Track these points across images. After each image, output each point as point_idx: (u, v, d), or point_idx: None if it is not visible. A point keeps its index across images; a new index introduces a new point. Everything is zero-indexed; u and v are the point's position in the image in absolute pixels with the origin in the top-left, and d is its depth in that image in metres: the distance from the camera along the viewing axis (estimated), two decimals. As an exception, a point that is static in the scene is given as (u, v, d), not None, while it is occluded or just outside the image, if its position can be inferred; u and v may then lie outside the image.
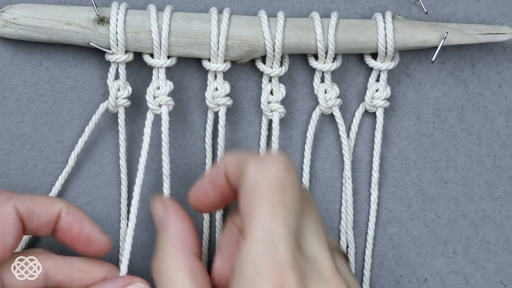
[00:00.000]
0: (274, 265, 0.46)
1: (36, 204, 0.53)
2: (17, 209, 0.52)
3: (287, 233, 0.47)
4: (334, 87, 0.59)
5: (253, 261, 0.47)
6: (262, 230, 0.47)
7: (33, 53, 0.59)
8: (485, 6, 0.61)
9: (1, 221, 0.51)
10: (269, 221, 0.47)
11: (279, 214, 0.47)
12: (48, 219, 0.54)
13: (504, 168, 0.61)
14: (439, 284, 0.61)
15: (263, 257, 0.46)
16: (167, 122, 0.57)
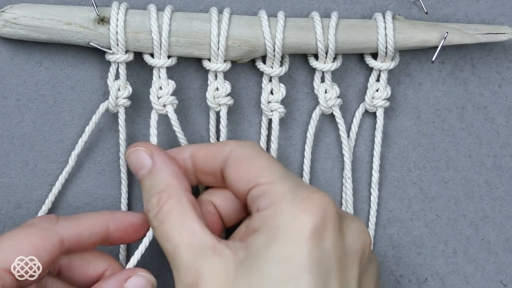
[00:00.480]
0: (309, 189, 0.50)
1: (83, 227, 0.53)
2: (62, 237, 0.52)
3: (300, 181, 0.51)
4: (334, 87, 0.59)
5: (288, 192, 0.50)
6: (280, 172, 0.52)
7: (33, 53, 0.59)
8: (485, 6, 0.61)
9: (40, 244, 0.51)
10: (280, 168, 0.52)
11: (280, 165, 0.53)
12: (96, 239, 0.54)
13: (504, 168, 0.61)
14: (439, 284, 0.61)
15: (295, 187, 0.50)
16: (176, 120, 0.57)
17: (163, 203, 0.52)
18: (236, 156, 0.53)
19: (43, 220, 0.53)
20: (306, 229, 0.48)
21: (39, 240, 0.51)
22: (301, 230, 0.48)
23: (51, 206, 0.59)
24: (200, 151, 0.55)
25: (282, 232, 0.48)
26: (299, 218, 0.48)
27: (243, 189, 0.52)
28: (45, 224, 0.52)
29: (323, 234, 0.48)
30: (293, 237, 0.48)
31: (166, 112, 0.58)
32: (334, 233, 0.49)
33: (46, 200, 0.59)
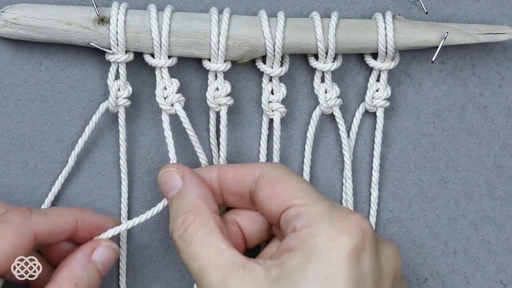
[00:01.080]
0: (346, 211, 0.51)
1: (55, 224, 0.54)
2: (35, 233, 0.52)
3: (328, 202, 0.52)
4: (334, 87, 0.59)
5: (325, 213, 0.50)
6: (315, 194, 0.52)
7: (33, 53, 0.59)
8: (485, 6, 0.61)
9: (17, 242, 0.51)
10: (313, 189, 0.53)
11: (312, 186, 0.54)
12: (65, 236, 0.55)
13: (504, 168, 0.61)
14: (439, 284, 0.61)
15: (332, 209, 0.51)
16: (186, 117, 0.57)
17: (189, 223, 0.53)
18: (267, 177, 0.53)
19: (17, 215, 0.53)
20: (344, 250, 0.49)
21: (15, 237, 0.51)
22: (339, 251, 0.49)
23: (50, 206, 0.59)
24: (228, 172, 0.55)
25: (320, 252, 0.49)
26: (337, 239, 0.49)
27: (276, 210, 0.52)
28: (19, 220, 0.52)
29: (361, 256, 0.49)
30: (331, 258, 0.49)
31: (174, 111, 0.58)
32: (371, 255, 0.50)
33: (46, 200, 0.59)
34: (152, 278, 0.61)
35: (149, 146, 0.60)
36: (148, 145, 0.60)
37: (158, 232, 0.60)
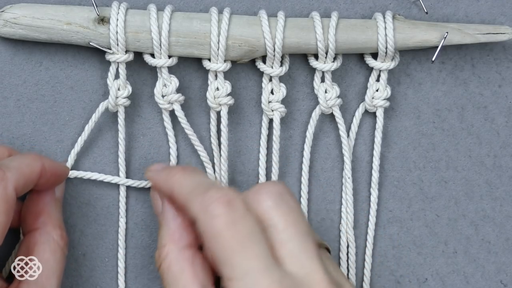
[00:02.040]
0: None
1: (26, 178, 0.53)
2: (16, 189, 0.52)
3: (261, 265, 0.48)
4: (334, 87, 0.59)
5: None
6: (237, 272, 0.48)
7: (33, 53, 0.59)
8: (485, 6, 0.61)
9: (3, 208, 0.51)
10: (239, 261, 0.49)
11: (244, 249, 0.49)
12: (31, 187, 0.54)
13: (504, 168, 0.61)
14: (439, 284, 0.61)
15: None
16: (184, 117, 0.58)
17: (162, 260, 0.53)
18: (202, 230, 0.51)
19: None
20: None
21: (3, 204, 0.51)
22: None
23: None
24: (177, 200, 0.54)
25: None
26: None
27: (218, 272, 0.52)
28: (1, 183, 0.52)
29: None
30: None
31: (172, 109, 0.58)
32: None
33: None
34: (152, 278, 0.61)
35: (149, 146, 0.60)
36: (148, 145, 0.60)
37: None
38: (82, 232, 0.60)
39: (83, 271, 0.60)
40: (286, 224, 0.50)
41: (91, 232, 0.60)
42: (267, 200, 0.51)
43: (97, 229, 0.60)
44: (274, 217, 0.50)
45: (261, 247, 0.49)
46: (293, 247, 0.50)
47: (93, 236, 0.60)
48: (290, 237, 0.50)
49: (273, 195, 0.51)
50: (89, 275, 0.60)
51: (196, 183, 0.52)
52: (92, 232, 0.60)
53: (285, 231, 0.50)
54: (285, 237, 0.50)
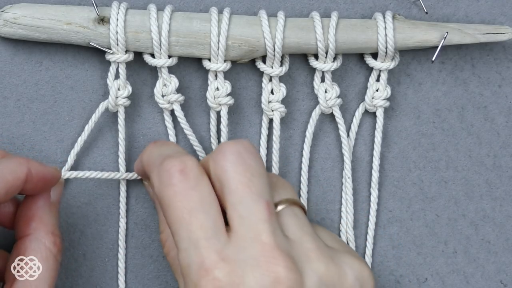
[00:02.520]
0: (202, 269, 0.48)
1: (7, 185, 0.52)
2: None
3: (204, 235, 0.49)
4: (334, 87, 0.59)
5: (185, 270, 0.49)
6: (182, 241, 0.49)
7: (33, 53, 0.59)
8: (485, 6, 0.61)
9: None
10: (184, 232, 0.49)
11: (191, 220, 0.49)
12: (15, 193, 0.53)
13: (504, 168, 0.61)
14: (439, 284, 0.61)
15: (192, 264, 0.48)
16: (183, 117, 0.58)
17: (163, 245, 0.55)
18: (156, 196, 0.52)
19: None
20: None
21: None
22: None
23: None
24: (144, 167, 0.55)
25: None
26: None
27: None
28: None
29: None
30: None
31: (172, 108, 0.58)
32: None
33: None
34: (152, 278, 0.61)
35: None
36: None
37: (158, 232, 0.60)
38: (82, 232, 0.60)
39: (83, 271, 0.60)
40: (238, 185, 0.50)
41: (91, 232, 0.60)
42: (224, 160, 0.50)
43: (97, 229, 0.60)
44: (229, 178, 0.50)
45: (209, 216, 0.49)
46: (242, 209, 0.49)
47: (93, 236, 0.60)
48: (240, 198, 0.49)
49: (231, 155, 0.50)
50: (89, 275, 0.60)
51: (159, 154, 0.53)
52: (92, 232, 0.60)
53: (235, 192, 0.50)
54: (235, 199, 0.50)
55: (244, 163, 0.50)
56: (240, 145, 0.51)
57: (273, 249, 0.49)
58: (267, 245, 0.49)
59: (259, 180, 0.50)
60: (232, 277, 0.48)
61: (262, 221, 0.49)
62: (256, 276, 0.48)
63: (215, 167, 0.50)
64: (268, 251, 0.48)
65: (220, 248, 0.49)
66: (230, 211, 0.50)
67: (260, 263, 0.48)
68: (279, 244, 0.49)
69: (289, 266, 0.48)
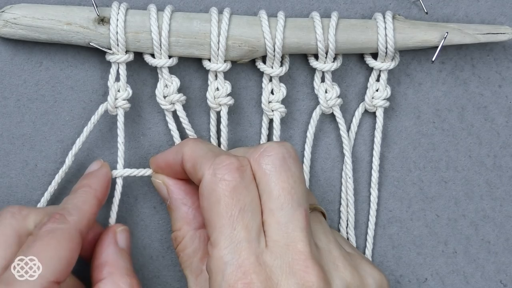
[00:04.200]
0: (239, 271, 0.49)
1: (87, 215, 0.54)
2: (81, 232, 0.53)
3: (248, 237, 0.49)
4: (334, 87, 0.59)
5: (221, 268, 0.49)
6: (224, 239, 0.49)
7: (33, 53, 0.59)
8: (485, 6, 0.61)
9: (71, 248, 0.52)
10: (229, 230, 0.50)
11: (238, 219, 0.50)
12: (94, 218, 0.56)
13: (504, 168, 0.61)
14: (439, 284, 0.61)
15: (230, 264, 0.49)
16: (185, 117, 0.58)
17: (179, 242, 0.56)
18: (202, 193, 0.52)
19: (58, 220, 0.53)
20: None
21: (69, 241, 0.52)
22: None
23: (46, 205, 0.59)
24: (186, 164, 0.54)
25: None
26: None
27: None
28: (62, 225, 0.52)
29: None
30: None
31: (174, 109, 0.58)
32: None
33: (42, 199, 0.58)
34: (152, 278, 0.61)
35: (149, 146, 0.60)
36: (148, 145, 0.60)
37: (158, 232, 0.60)
38: (82, 232, 0.60)
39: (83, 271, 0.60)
40: (281, 191, 0.50)
41: (91, 232, 0.60)
42: (268, 163, 0.51)
43: (97, 229, 0.60)
44: (271, 183, 0.51)
45: (255, 218, 0.50)
46: (282, 216, 0.50)
47: (93, 236, 0.60)
48: (281, 205, 0.50)
49: (275, 159, 0.51)
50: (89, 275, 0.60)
51: (209, 149, 0.53)
52: (92, 232, 0.60)
53: (277, 199, 0.50)
54: (276, 205, 0.50)
55: (288, 169, 0.51)
56: (284, 148, 0.51)
57: (308, 259, 0.49)
58: (303, 254, 0.49)
59: (300, 187, 0.51)
60: (267, 283, 0.49)
61: (300, 229, 0.50)
62: (289, 284, 0.49)
63: (258, 169, 0.51)
64: (303, 260, 0.49)
65: (260, 252, 0.49)
66: (268, 216, 0.50)
67: (294, 271, 0.49)
68: (314, 254, 0.50)
69: (321, 276, 0.49)
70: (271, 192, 0.50)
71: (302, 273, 0.49)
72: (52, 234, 0.52)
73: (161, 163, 0.57)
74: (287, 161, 0.51)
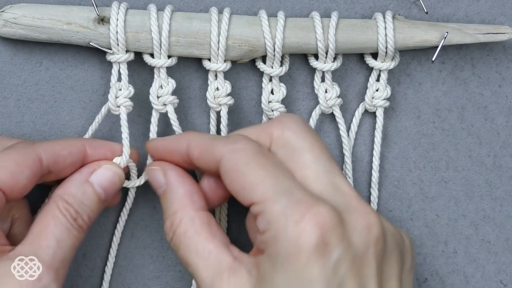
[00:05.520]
0: (302, 206, 0.49)
1: (60, 147, 0.54)
2: (39, 155, 0.53)
3: (294, 183, 0.50)
4: (334, 87, 0.59)
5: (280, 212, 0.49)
6: (271, 188, 0.49)
7: (33, 53, 0.59)
8: (485, 6, 0.61)
9: (20, 160, 0.52)
10: (272, 180, 0.50)
11: (276, 170, 0.50)
12: (73, 160, 0.55)
13: (504, 168, 0.61)
14: (439, 284, 0.61)
15: (289, 205, 0.49)
16: (176, 120, 0.58)
17: (176, 227, 0.53)
18: (226, 167, 0.51)
19: (20, 143, 0.55)
20: (306, 253, 0.48)
21: (19, 156, 0.53)
22: (302, 254, 0.48)
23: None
24: (194, 150, 0.54)
25: (284, 259, 0.48)
26: (298, 243, 0.48)
27: (244, 202, 0.51)
28: (22, 145, 0.54)
29: (327, 250, 0.48)
30: (296, 263, 0.48)
31: (166, 111, 0.58)
32: (338, 243, 0.48)
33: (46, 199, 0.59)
34: (152, 278, 0.61)
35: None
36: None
37: (158, 232, 0.60)
38: (82, 232, 0.60)
39: (83, 271, 0.60)
40: (312, 146, 0.52)
41: (91, 232, 0.60)
42: (291, 126, 0.53)
43: (97, 229, 0.60)
44: (300, 141, 0.52)
45: (284, 170, 0.51)
46: (319, 167, 0.51)
47: (93, 236, 0.60)
48: (316, 158, 0.52)
49: (297, 122, 0.53)
50: (89, 275, 0.60)
51: (215, 136, 0.54)
52: (92, 232, 0.60)
53: (310, 152, 0.52)
54: (311, 158, 0.51)
55: (310, 129, 0.53)
56: (294, 115, 0.54)
57: (359, 198, 0.51)
58: (352, 194, 0.51)
59: (323, 143, 0.53)
60: (334, 214, 0.49)
61: (340, 176, 0.52)
62: (353, 219, 0.50)
63: (282, 133, 0.52)
64: (355, 198, 0.51)
65: (311, 193, 0.50)
66: (304, 171, 0.51)
67: (352, 209, 0.50)
68: (360, 195, 0.52)
69: (376, 215, 0.51)
70: (302, 149, 0.52)
71: (362, 211, 0.50)
72: (7, 149, 0.53)
73: (161, 150, 0.56)
74: (303, 123, 0.53)
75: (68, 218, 0.53)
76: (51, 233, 0.52)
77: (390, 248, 0.51)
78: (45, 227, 0.52)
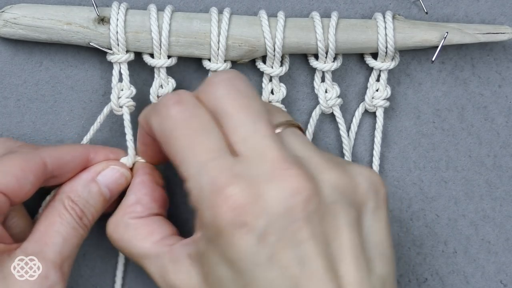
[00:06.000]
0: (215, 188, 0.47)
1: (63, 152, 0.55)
2: (44, 160, 0.54)
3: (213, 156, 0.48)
4: (334, 87, 0.59)
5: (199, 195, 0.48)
6: (191, 167, 0.48)
7: (33, 53, 0.59)
8: (485, 6, 0.61)
9: (25, 165, 0.53)
10: (191, 157, 0.48)
11: (196, 144, 0.48)
12: (76, 165, 0.55)
13: (504, 168, 0.61)
14: (439, 284, 0.61)
15: (205, 187, 0.47)
16: None
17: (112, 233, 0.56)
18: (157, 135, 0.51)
19: (23, 147, 0.55)
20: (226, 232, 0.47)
21: (24, 162, 0.53)
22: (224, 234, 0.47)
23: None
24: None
25: (211, 239, 0.48)
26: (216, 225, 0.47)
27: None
28: (27, 149, 0.54)
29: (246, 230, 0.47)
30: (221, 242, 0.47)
31: None
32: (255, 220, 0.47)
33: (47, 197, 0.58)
34: (152, 278, 0.61)
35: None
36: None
37: (158, 232, 0.60)
38: (82, 232, 0.60)
39: (83, 271, 0.60)
40: (237, 109, 0.49)
41: (91, 232, 0.60)
42: (218, 89, 0.50)
43: (97, 229, 0.60)
44: (225, 104, 0.49)
45: (212, 139, 0.49)
46: (245, 130, 0.49)
47: (93, 236, 0.60)
48: (241, 121, 0.49)
49: (223, 83, 0.50)
50: (89, 275, 0.60)
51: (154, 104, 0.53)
52: (92, 232, 0.60)
53: (235, 116, 0.49)
54: (236, 122, 0.49)
55: (237, 89, 0.50)
56: (230, 73, 0.51)
57: (284, 161, 0.48)
58: (277, 158, 0.48)
59: (255, 102, 0.50)
60: (248, 192, 0.47)
61: (267, 137, 0.48)
62: (273, 189, 0.47)
63: (208, 98, 0.50)
64: (279, 163, 0.48)
65: (230, 166, 0.48)
66: (232, 136, 0.49)
67: (274, 176, 0.47)
68: (289, 156, 0.48)
69: (303, 175, 0.47)
70: (227, 113, 0.49)
71: (284, 176, 0.47)
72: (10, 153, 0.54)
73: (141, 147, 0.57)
74: (234, 81, 0.50)
75: (74, 217, 0.54)
76: (57, 231, 0.53)
77: (330, 201, 0.48)
78: (51, 225, 0.53)
